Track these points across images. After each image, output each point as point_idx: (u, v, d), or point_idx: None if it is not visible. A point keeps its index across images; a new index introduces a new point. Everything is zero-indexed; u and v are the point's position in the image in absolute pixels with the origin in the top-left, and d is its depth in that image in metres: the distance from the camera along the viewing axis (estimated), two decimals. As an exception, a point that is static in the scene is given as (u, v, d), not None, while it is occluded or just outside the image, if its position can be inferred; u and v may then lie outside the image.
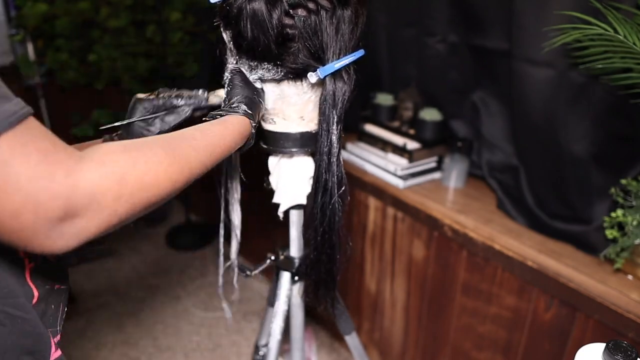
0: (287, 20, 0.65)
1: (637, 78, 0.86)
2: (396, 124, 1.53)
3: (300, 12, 0.65)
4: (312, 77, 0.67)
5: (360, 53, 0.69)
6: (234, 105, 0.67)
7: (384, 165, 1.42)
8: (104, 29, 2.09)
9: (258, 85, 0.72)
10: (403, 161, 1.40)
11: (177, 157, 0.52)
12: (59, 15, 1.97)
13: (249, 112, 0.66)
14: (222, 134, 0.61)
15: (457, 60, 1.35)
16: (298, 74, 0.70)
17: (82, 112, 2.23)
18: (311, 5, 0.65)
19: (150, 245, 2.50)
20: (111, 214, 0.44)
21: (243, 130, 0.64)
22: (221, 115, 0.65)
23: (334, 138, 0.70)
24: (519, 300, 1.12)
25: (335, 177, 0.73)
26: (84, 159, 0.42)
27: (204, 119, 0.65)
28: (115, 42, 2.12)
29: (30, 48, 2.02)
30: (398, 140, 1.44)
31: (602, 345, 0.61)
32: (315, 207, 0.75)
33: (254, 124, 0.67)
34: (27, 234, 0.39)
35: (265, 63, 0.69)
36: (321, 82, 0.69)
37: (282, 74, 0.69)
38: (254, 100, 0.69)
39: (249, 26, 0.65)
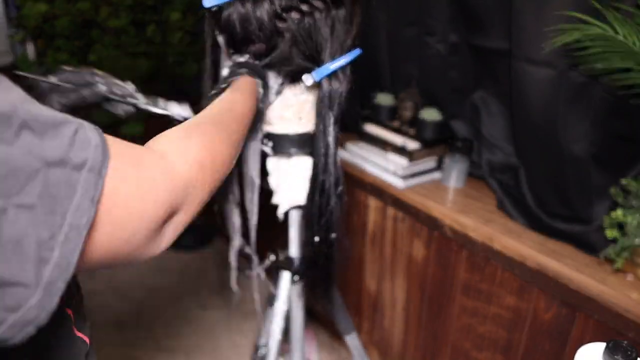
0: (281, 25, 0.64)
1: (637, 78, 0.86)
2: (396, 124, 1.53)
3: (294, 15, 0.64)
4: (308, 80, 0.67)
5: (356, 53, 0.69)
6: (240, 71, 0.66)
7: (384, 165, 1.42)
8: (104, 29, 2.09)
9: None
10: (403, 161, 1.40)
11: (228, 132, 0.52)
12: (59, 15, 1.97)
13: (250, 71, 0.65)
14: (240, 99, 0.60)
15: (457, 60, 1.35)
16: (294, 77, 0.70)
17: (82, 113, 2.23)
18: (304, 8, 0.64)
19: (150, 245, 2.50)
20: (200, 202, 0.44)
21: (251, 88, 0.64)
22: (226, 83, 0.64)
23: (331, 139, 0.70)
24: (519, 300, 1.12)
25: (332, 177, 0.73)
26: (166, 153, 0.41)
27: (212, 92, 0.63)
28: (115, 42, 2.12)
29: (30, 48, 2.01)
30: (398, 140, 1.44)
31: (602, 345, 0.61)
32: (313, 208, 0.75)
33: (259, 81, 0.66)
34: (137, 246, 0.36)
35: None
36: (318, 83, 0.69)
37: (279, 79, 0.69)
38: (255, 68, 0.68)
39: (241, 31, 0.64)
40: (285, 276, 0.96)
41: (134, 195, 0.34)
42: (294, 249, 0.97)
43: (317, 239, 0.78)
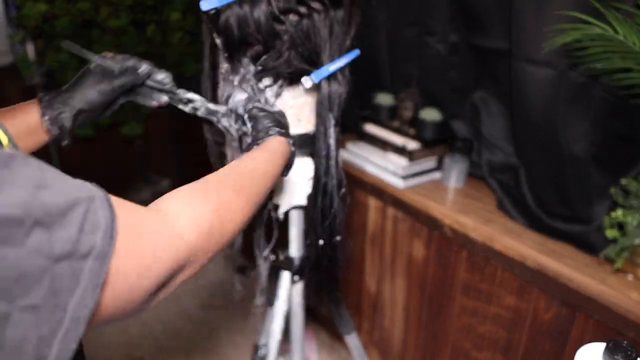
0: (278, 27, 0.64)
1: (637, 78, 0.86)
2: (396, 124, 1.53)
3: (292, 17, 0.64)
4: (307, 82, 0.66)
5: (354, 54, 0.69)
6: (270, 133, 0.63)
7: (384, 165, 1.42)
8: (104, 29, 2.09)
9: (276, 107, 0.69)
10: (403, 161, 1.40)
11: (247, 196, 0.49)
12: (59, 15, 1.97)
13: (283, 131, 0.63)
14: (270, 159, 0.58)
15: (457, 60, 1.35)
16: (293, 79, 0.70)
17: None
18: (302, 10, 0.63)
19: (150, 245, 2.50)
20: (199, 266, 0.42)
21: (283, 149, 0.61)
22: (258, 143, 0.62)
23: (332, 141, 0.70)
24: (519, 300, 1.12)
25: (335, 179, 0.73)
26: (176, 217, 0.39)
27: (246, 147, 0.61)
28: (115, 42, 2.12)
29: (30, 48, 2.01)
30: (398, 140, 1.44)
31: (602, 345, 0.61)
32: (316, 210, 0.75)
33: (291, 142, 0.64)
34: (132, 309, 0.37)
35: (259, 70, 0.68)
36: (317, 85, 0.69)
37: (278, 81, 0.69)
38: (282, 121, 0.66)
39: (238, 34, 0.64)
40: (285, 276, 0.96)
41: (138, 268, 0.34)
42: (294, 249, 0.97)
43: (321, 242, 0.78)
